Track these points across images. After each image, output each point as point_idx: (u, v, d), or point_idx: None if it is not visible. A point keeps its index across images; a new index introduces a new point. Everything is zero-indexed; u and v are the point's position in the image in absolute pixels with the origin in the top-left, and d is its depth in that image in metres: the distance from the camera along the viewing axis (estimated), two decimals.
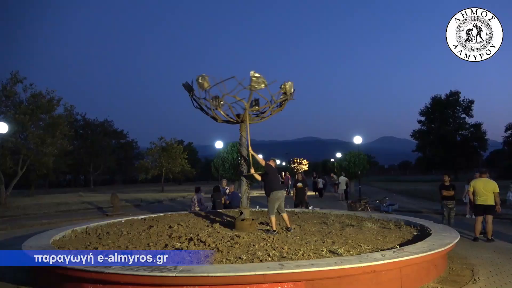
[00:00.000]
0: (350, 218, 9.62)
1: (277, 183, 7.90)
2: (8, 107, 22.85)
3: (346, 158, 28.70)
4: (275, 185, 7.81)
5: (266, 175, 7.90)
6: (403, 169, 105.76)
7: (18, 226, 12.98)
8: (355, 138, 21.23)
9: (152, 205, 21.87)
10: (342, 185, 22.40)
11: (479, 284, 5.49)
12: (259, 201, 19.02)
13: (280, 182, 8.12)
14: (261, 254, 5.58)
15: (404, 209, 16.03)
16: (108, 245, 6.60)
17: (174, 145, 40.45)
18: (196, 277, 4.38)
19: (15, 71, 22.64)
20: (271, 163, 8.08)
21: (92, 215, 16.48)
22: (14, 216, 16.52)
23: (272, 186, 7.77)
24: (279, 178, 8.11)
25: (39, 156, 23.13)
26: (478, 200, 8.79)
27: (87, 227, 8.84)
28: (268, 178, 7.87)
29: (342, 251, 5.69)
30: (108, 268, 4.61)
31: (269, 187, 7.81)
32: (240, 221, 7.84)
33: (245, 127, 8.12)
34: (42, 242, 6.62)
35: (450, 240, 6.22)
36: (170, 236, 7.28)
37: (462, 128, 52.69)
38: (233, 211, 11.10)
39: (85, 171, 57.97)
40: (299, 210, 11.64)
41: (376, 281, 4.87)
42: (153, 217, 10.53)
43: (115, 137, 62.81)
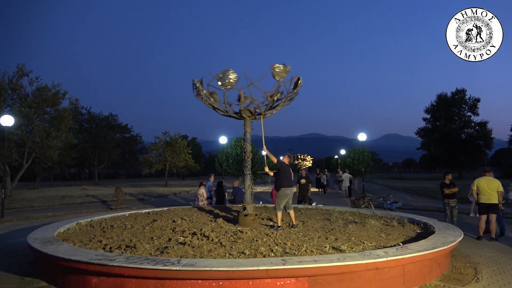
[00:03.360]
0: (354, 215, 9.61)
1: (287, 180, 7.92)
2: (14, 100, 22.99)
3: (350, 155, 28.61)
4: (285, 182, 7.84)
5: (278, 171, 7.97)
6: (407, 167, 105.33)
7: (23, 218, 13.10)
8: (359, 135, 21.14)
9: (156, 199, 21.97)
10: (345, 182, 22.36)
11: (482, 282, 5.48)
12: (262, 196, 19.06)
13: (292, 180, 8.14)
14: (264, 249, 5.59)
15: (408, 206, 15.99)
16: (112, 238, 6.66)
17: (178, 140, 40.54)
18: (199, 271, 4.40)
19: (21, 64, 22.76)
20: (285, 159, 8.12)
21: (96, 208, 16.59)
22: (20, 208, 16.67)
23: (281, 183, 7.81)
24: (291, 175, 8.15)
25: (44, 149, 23.25)
26: (482, 199, 8.76)
27: (91, 220, 8.91)
28: (279, 175, 7.94)
29: (345, 247, 5.69)
30: (112, 261, 4.65)
31: (278, 184, 7.89)
32: (244, 216, 7.87)
33: (249, 122, 8.15)
34: (47, 234, 6.68)
35: (453, 238, 6.20)
36: (173, 230, 7.32)
37: (468, 126, 52.27)
38: (237, 206, 11.13)
39: (90, 164, 58.31)
40: (303, 207, 11.66)
41: (378, 278, 4.87)
42: (157, 211, 10.59)
43: (119, 131, 63.05)
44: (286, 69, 7.64)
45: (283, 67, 7.61)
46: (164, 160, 39.51)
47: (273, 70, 7.59)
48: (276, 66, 7.57)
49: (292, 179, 8.24)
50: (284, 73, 7.67)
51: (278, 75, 7.64)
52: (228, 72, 7.48)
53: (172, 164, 40.14)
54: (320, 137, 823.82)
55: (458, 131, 51.54)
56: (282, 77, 7.70)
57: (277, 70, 7.60)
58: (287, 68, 7.64)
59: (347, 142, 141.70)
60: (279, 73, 7.63)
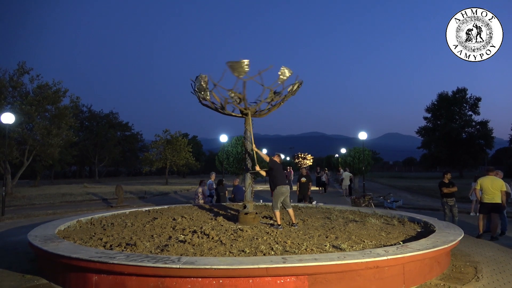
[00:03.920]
0: (354, 214, 9.61)
1: (282, 178, 7.90)
2: (15, 97, 22.97)
3: (350, 153, 28.57)
4: (279, 180, 7.82)
5: (271, 170, 7.92)
6: (408, 166, 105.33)
7: (24, 216, 13.12)
8: (360, 134, 21.12)
9: (156, 197, 21.99)
10: (346, 181, 22.35)
11: (482, 281, 5.48)
12: (262, 195, 19.07)
13: (285, 177, 8.13)
14: (264, 247, 5.60)
15: (408, 205, 15.99)
16: (112, 236, 6.66)
17: (179, 138, 40.57)
18: (200, 269, 4.41)
19: (22, 62, 22.75)
20: (275, 158, 8.09)
21: (97, 206, 16.61)
22: (20, 205, 16.69)
23: (276, 181, 7.79)
24: (284, 172, 8.14)
25: (45, 147, 23.26)
26: (485, 198, 8.75)
27: (92, 218, 8.92)
28: (272, 174, 7.89)
29: (345, 246, 5.70)
30: (112, 259, 4.66)
31: (273, 182, 7.85)
32: (244, 214, 7.87)
33: (249, 120, 8.14)
34: (48, 232, 6.69)
35: (454, 237, 6.20)
36: (174, 228, 7.32)
37: (469, 125, 52.22)
38: (237, 205, 11.14)
39: (90, 162, 58.33)
40: (303, 205, 11.66)
41: (378, 277, 4.87)
42: (157, 209, 10.59)
43: (120, 129, 63.04)
44: (290, 72, 7.93)
45: (288, 71, 7.86)
46: (165, 158, 39.54)
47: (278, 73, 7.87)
48: (282, 70, 7.84)
49: (285, 176, 8.22)
50: (284, 75, 7.89)
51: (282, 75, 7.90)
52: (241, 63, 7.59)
53: (172, 162, 40.17)
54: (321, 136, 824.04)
55: (458, 130, 51.50)
56: (284, 79, 7.92)
57: (280, 71, 7.85)
58: (291, 72, 7.93)
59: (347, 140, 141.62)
60: (282, 74, 7.90)
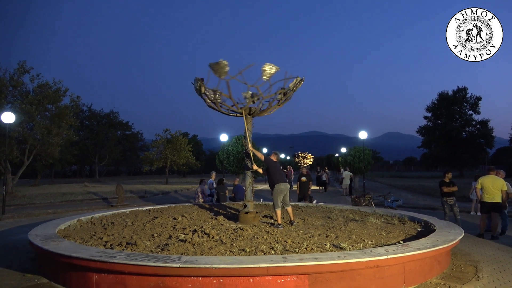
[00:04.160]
0: (354, 213, 9.61)
1: (279, 176, 7.90)
2: (15, 97, 22.95)
3: (351, 153, 28.58)
4: (277, 178, 7.82)
5: (268, 169, 7.93)
6: (408, 165, 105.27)
7: (24, 215, 13.13)
8: (360, 133, 21.12)
9: (157, 196, 22.00)
10: (346, 180, 22.35)
11: (483, 281, 5.48)
12: (263, 194, 19.07)
13: (284, 175, 8.13)
14: (265, 247, 5.60)
15: (408, 205, 16.00)
16: (113, 235, 6.67)
17: (179, 137, 40.55)
18: (200, 268, 4.41)
19: (23, 61, 22.72)
20: (272, 157, 8.10)
21: (97, 205, 16.62)
22: (21, 205, 16.70)
23: (274, 180, 7.80)
24: (282, 171, 8.14)
25: (45, 146, 23.26)
26: (486, 198, 8.75)
27: (92, 217, 8.93)
28: (270, 172, 7.90)
29: (345, 245, 5.70)
30: (113, 258, 4.66)
31: (271, 181, 7.87)
32: (244, 214, 7.87)
33: (249, 120, 8.14)
34: (48, 231, 6.69)
35: (454, 236, 6.20)
36: (174, 227, 7.33)
37: (469, 124, 52.17)
38: (237, 204, 11.15)
39: (91, 161, 58.31)
40: (303, 204, 11.66)
41: (379, 276, 4.87)
42: (158, 208, 10.60)
43: (120, 129, 63.01)
44: (271, 67, 7.77)
45: (270, 67, 7.72)
46: (165, 157, 39.53)
47: (263, 70, 7.73)
48: (265, 67, 7.68)
49: (283, 174, 8.21)
50: (270, 70, 7.78)
51: (267, 72, 7.79)
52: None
53: (173, 162, 40.16)
54: (321, 135, 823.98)
55: (459, 129, 51.46)
56: (269, 74, 7.80)
57: (266, 69, 7.72)
58: (272, 66, 7.76)
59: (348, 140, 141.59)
60: (268, 71, 7.79)
